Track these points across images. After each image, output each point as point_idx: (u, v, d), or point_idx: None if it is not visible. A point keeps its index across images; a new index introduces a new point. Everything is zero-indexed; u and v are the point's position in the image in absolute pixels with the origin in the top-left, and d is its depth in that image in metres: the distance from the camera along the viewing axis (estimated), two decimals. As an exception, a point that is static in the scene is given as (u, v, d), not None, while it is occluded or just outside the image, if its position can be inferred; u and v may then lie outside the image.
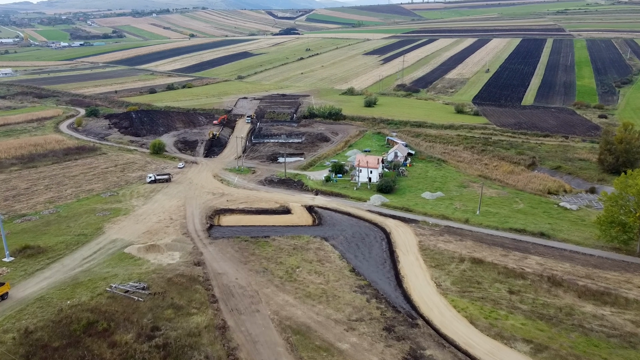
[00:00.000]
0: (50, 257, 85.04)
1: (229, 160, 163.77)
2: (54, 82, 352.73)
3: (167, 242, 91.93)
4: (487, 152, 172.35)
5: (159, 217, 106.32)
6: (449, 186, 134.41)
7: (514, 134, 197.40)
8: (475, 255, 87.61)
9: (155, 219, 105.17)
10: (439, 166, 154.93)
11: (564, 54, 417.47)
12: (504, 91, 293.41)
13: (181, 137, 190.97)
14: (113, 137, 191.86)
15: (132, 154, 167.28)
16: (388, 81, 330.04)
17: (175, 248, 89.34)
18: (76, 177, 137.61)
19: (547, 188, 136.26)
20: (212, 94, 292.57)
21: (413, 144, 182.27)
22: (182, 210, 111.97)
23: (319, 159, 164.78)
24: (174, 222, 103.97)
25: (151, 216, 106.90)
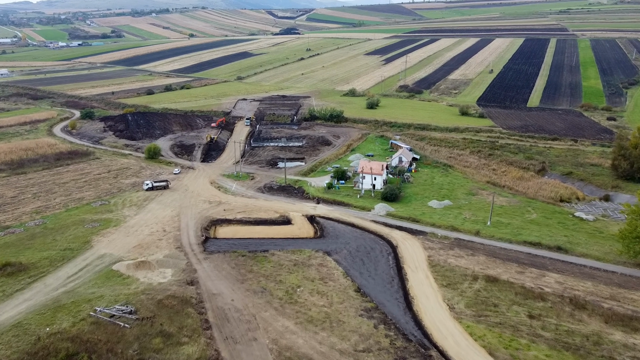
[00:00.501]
0: (33, 276, 79.00)
1: (227, 165, 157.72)
2: (50, 82, 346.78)
3: (159, 257, 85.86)
4: (495, 156, 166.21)
5: (151, 229, 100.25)
6: (457, 194, 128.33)
7: (521, 137, 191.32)
8: (490, 273, 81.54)
9: (148, 231, 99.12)
10: (446, 172, 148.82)
11: (569, 54, 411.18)
12: (508, 92, 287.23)
13: (178, 141, 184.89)
14: (108, 140, 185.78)
15: (127, 159, 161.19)
16: (390, 82, 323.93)
17: (167, 265, 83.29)
18: (67, 184, 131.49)
19: (559, 195, 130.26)
20: (210, 95, 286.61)
21: (417, 148, 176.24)
22: (177, 221, 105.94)
23: (320, 164, 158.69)
24: (167, 234, 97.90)
25: (143, 228, 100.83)
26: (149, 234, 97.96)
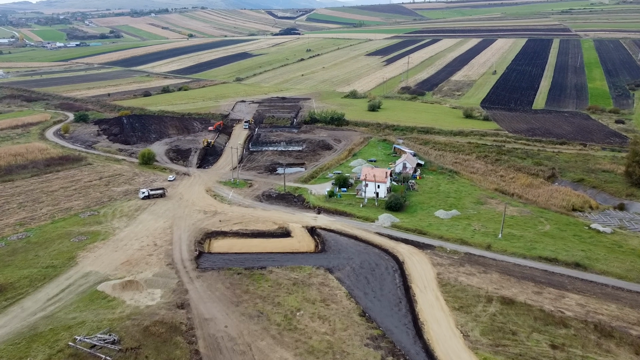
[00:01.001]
0: (10, 298, 72.99)
1: (224, 171, 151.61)
2: (46, 84, 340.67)
3: (148, 276, 79.76)
4: (502, 162, 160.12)
5: (141, 243, 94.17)
6: (465, 203, 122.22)
7: (528, 142, 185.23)
8: (505, 294, 75.46)
9: (137, 245, 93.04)
10: (452, 179, 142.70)
11: (572, 54, 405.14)
12: (513, 94, 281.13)
13: (173, 145, 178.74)
14: (101, 145, 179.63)
15: (120, 165, 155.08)
16: (392, 83, 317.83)
17: (156, 284, 77.23)
18: (55, 192, 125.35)
19: (571, 204, 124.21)
20: (209, 97, 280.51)
21: (421, 153, 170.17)
22: (169, 233, 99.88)
23: (321, 170, 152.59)
24: (158, 249, 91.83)
25: (133, 242, 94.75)
26: (139, 248, 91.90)
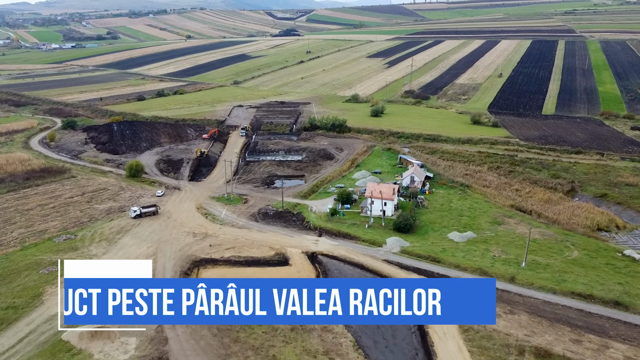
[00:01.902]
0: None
1: (218, 185, 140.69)
2: (38, 87, 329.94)
3: (123, 320, 68.72)
4: (516, 173, 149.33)
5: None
6: (480, 222, 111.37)
7: (541, 151, 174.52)
8: (538, 343, 64.61)
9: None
10: (464, 193, 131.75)
11: (579, 56, 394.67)
12: (521, 98, 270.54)
13: (165, 155, 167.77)
14: (88, 155, 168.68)
15: (106, 177, 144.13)
16: (395, 87, 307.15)
17: (131, 331, 66.25)
18: (30, 211, 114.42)
19: (595, 223, 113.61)
20: (205, 102, 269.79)
21: (429, 164, 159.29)
22: (152, 262, 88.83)
23: (322, 183, 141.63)
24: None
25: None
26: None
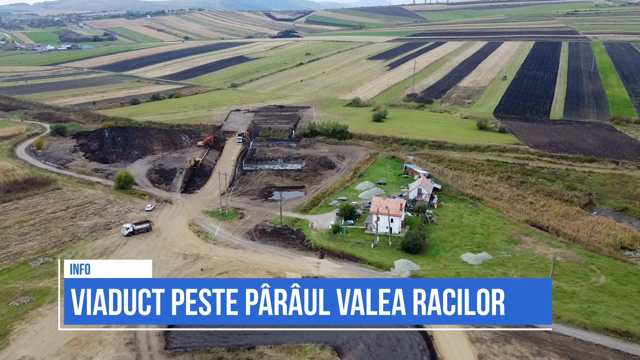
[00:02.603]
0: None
1: (212, 197, 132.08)
2: (30, 90, 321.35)
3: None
4: (528, 184, 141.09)
5: (99, 307, 74.50)
6: (495, 241, 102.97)
7: (553, 159, 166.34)
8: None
9: (94, 311, 73.36)
10: (474, 207, 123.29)
11: (584, 58, 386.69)
12: (527, 102, 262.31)
13: (157, 165, 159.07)
14: (76, 164, 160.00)
15: (93, 189, 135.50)
16: (397, 90, 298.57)
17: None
18: (8, 229, 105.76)
19: (618, 241, 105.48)
20: (201, 106, 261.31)
21: (436, 173, 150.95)
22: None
23: (323, 196, 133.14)
24: (120, 316, 72.16)
25: (89, 305, 75.08)
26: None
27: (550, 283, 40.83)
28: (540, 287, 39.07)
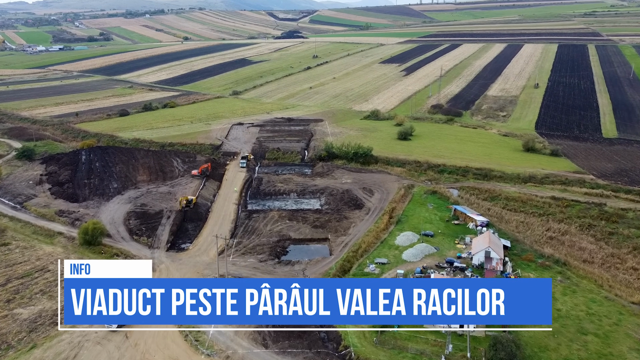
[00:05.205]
0: None
1: (207, 259, 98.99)
2: (9, 98, 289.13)
3: None
4: (619, 237, 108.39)
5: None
6: (622, 349, 69.97)
7: (632, 195, 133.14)
8: None
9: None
10: (565, 278, 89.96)
11: (618, 63, 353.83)
12: (570, 116, 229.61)
13: (139, 205, 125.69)
14: (37, 202, 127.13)
15: (52, 245, 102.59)
16: (418, 99, 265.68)
17: None
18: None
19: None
20: (198, 118, 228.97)
21: (494, 218, 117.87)
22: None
23: (355, 256, 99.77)
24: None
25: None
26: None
27: (550, 283, 39.83)
28: (540, 287, 38.58)
